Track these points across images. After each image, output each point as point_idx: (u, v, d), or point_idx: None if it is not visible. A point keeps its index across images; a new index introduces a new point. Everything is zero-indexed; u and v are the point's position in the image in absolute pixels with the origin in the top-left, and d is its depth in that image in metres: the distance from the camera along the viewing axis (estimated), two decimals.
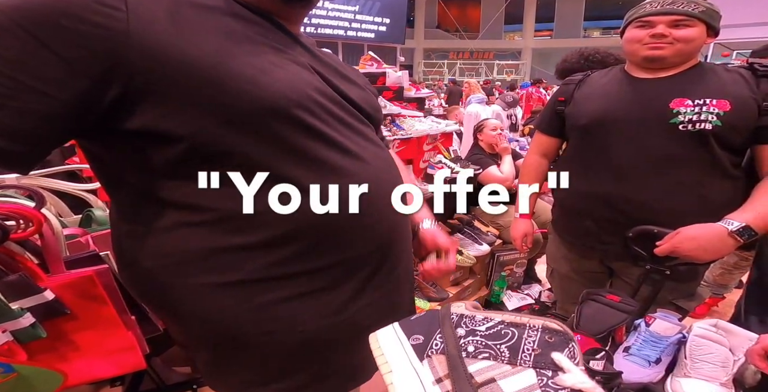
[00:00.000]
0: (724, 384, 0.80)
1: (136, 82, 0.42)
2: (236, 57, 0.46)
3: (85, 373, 0.72)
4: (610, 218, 1.04)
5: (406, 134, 1.94)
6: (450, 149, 2.31)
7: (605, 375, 0.78)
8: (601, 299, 0.98)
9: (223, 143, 0.47)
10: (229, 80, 0.45)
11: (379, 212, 0.57)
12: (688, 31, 0.92)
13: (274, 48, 0.52)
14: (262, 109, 0.47)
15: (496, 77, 14.76)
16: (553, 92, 1.32)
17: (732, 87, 0.91)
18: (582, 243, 1.20)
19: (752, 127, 0.89)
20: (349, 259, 0.56)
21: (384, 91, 2.13)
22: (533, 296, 1.98)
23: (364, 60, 2.36)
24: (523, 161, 1.38)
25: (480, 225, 1.95)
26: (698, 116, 0.90)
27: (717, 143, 0.91)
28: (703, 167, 0.94)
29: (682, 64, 0.97)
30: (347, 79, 0.63)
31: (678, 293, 1.09)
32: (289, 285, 0.53)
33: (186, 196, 0.49)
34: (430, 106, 5.06)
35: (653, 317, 0.92)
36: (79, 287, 0.61)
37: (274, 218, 0.49)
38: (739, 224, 0.84)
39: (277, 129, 0.48)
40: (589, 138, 1.07)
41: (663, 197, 0.97)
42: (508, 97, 4.06)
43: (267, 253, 0.51)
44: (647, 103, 0.96)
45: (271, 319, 0.53)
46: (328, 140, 0.52)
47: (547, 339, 0.29)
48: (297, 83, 0.50)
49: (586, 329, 0.94)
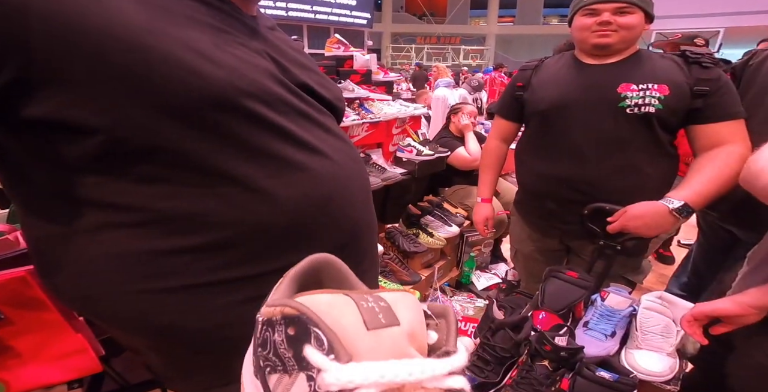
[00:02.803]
0: (670, 355, 0.87)
1: (35, 63, 0.35)
2: (171, 36, 0.40)
3: (30, 380, 0.67)
4: (570, 198, 1.09)
5: (375, 117, 1.91)
6: (418, 132, 2.30)
7: (569, 350, 0.82)
8: (561, 276, 1.03)
9: (153, 137, 0.40)
10: (159, 64, 0.38)
11: (341, 209, 0.53)
12: (630, 17, 0.97)
13: (220, 30, 0.46)
14: (202, 98, 0.41)
15: (462, 62, 14.83)
16: None
17: (669, 72, 0.98)
18: (545, 224, 1.25)
19: (686, 109, 0.97)
20: None
21: (352, 74, 2.07)
22: (500, 275, 2.05)
23: (331, 43, 2.27)
24: (484, 146, 1.42)
25: (449, 207, 1.98)
26: (643, 100, 0.96)
27: (659, 125, 0.99)
28: (648, 147, 1.01)
29: (625, 51, 1.03)
30: (306, 67, 0.58)
31: (627, 267, 1.18)
32: (242, 287, 0.48)
33: (110, 195, 0.42)
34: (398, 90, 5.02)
35: (607, 291, 0.97)
36: (10, 289, 0.55)
37: (221, 219, 0.45)
38: (679, 202, 0.92)
39: (221, 121, 0.42)
40: (548, 122, 1.11)
41: (615, 177, 1.03)
42: (474, 82, 4.09)
43: (214, 256, 0.46)
44: (598, 89, 1.02)
45: (225, 324, 0.48)
46: (282, 133, 0.47)
47: (289, 333, 0.23)
48: (247, 70, 0.45)
49: (550, 306, 0.98)
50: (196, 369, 0.54)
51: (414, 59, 15.01)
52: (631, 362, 0.87)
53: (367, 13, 12.44)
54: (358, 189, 0.58)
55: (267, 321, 0.24)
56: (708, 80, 0.95)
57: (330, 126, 0.56)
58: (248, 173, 0.45)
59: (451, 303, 1.73)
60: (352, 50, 2.22)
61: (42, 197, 0.45)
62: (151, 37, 0.38)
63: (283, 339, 0.22)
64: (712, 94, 0.95)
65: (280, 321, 0.23)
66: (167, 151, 0.41)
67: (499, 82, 6.33)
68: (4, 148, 0.42)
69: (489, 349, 0.90)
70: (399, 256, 1.71)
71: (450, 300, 1.77)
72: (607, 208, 1.02)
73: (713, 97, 0.95)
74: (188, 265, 0.45)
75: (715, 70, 0.95)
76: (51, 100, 0.37)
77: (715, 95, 0.95)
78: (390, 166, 1.97)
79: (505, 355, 0.89)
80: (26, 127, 0.39)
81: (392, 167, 1.97)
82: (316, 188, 0.50)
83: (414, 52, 16.14)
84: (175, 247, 0.44)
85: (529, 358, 0.87)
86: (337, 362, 0.19)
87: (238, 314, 0.48)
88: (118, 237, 0.44)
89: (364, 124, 1.88)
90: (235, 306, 0.48)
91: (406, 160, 1.98)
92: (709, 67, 0.95)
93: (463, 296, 1.84)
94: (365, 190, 0.61)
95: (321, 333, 0.21)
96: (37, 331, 0.60)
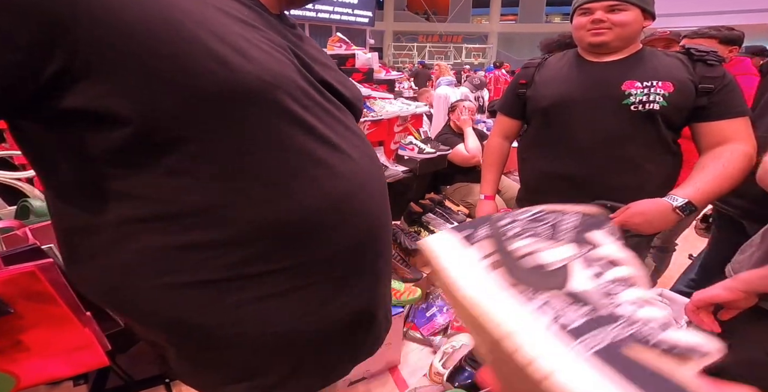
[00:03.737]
0: None
1: (80, 54, 0.35)
2: (205, 29, 0.40)
3: (39, 374, 0.68)
4: (573, 196, 1.08)
5: (376, 116, 1.91)
6: (420, 130, 2.30)
7: None
8: None
9: (181, 128, 0.41)
10: (195, 55, 0.39)
11: (359, 208, 0.53)
12: (624, 15, 0.97)
13: (247, 24, 0.46)
14: (232, 90, 0.41)
15: (464, 60, 14.78)
16: None
17: (673, 70, 0.98)
18: None
19: (690, 106, 0.97)
20: (325, 258, 0.52)
21: (353, 72, 2.07)
22: None
23: (332, 41, 2.28)
24: (486, 144, 1.42)
25: (451, 205, 1.98)
26: (647, 97, 0.96)
27: (663, 122, 0.98)
28: (652, 145, 1.01)
29: (625, 48, 1.02)
30: (327, 65, 0.58)
31: None
32: (258, 284, 0.48)
33: (136, 187, 0.43)
34: (400, 89, 5.02)
35: None
36: (20, 284, 0.56)
37: (241, 214, 0.45)
38: (683, 200, 0.92)
39: (249, 114, 0.43)
40: (550, 119, 1.11)
41: (618, 174, 1.03)
42: (476, 80, 4.09)
43: (233, 251, 0.46)
44: (601, 86, 1.02)
45: (240, 320, 0.49)
46: (306, 127, 0.47)
47: (584, 221, 0.32)
48: (275, 65, 0.45)
49: None
50: (211, 365, 0.55)
51: (416, 58, 14.98)
52: None
53: (369, 12, 12.44)
54: (376, 188, 0.57)
55: (554, 209, 0.33)
56: (713, 78, 0.94)
57: (350, 124, 0.56)
58: (271, 167, 0.45)
59: None
60: (354, 49, 2.23)
61: (72, 189, 0.45)
62: (187, 28, 0.39)
63: (577, 221, 0.31)
64: (717, 91, 0.94)
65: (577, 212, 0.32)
66: (194, 142, 0.42)
67: (503, 80, 6.31)
68: (39, 141, 0.43)
69: None
70: (401, 254, 1.72)
71: None
72: (608, 206, 1.02)
73: (718, 94, 0.95)
74: (207, 260, 0.46)
75: (720, 68, 0.95)
76: (90, 90, 0.37)
77: (719, 93, 0.95)
78: (392, 164, 1.98)
79: None
80: (61, 118, 0.39)
81: (394, 165, 1.98)
82: (336, 186, 0.50)
83: (416, 50, 16.11)
84: (196, 242, 0.45)
85: None
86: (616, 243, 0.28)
87: (254, 311, 0.49)
88: (142, 230, 0.44)
89: (365, 123, 1.88)
90: (251, 302, 0.48)
91: (407, 157, 1.99)
92: (714, 64, 0.95)
93: None
94: (382, 189, 0.60)
95: (615, 229, 0.31)
96: (45, 326, 0.61)
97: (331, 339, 0.57)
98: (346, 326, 0.57)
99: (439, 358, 0.99)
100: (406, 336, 1.62)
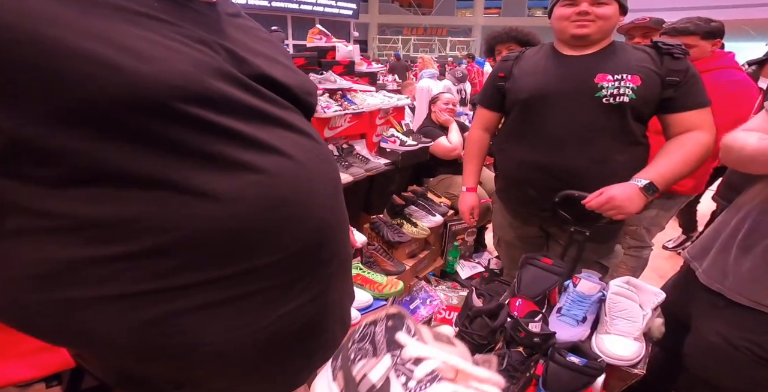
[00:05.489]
0: (637, 339, 0.90)
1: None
2: (80, 28, 0.35)
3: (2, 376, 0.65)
4: (549, 186, 1.11)
5: (357, 109, 1.90)
6: (402, 123, 2.29)
7: (541, 336, 0.84)
8: (537, 263, 1.05)
9: (62, 139, 0.36)
10: (64, 58, 0.34)
11: (304, 210, 0.50)
12: (607, 8, 1.00)
13: (158, 20, 0.41)
14: (121, 96, 0.37)
15: (449, 53, 14.77)
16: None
17: (641, 63, 1.01)
18: (525, 211, 1.27)
19: (658, 99, 1.01)
20: (266, 265, 0.48)
21: (334, 65, 2.04)
22: (483, 264, 2.08)
23: (312, 34, 2.23)
24: (468, 136, 1.43)
25: (433, 197, 1.99)
26: (618, 90, 1.00)
27: (632, 114, 1.02)
28: (620, 136, 1.05)
29: (601, 41, 1.06)
30: (272, 58, 0.54)
31: (600, 253, 1.23)
32: (184, 296, 0.44)
33: (25, 199, 0.39)
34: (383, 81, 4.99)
35: (579, 277, 0.99)
36: None
37: (154, 224, 0.41)
38: (646, 181, 0.98)
39: (146, 122, 0.39)
40: (528, 111, 1.13)
41: (591, 164, 1.07)
42: (458, 73, 4.09)
43: (151, 263, 0.42)
44: (576, 79, 1.05)
45: (165, 334, 0.45)
46: (225, 133, 0.43)
47: (388, 325, 0.37)
48: (181, 64, 0.41)
49: (525, 293, 1.00)
50: (138, 379, 0.51)
51: (401, 51, 14.89)
52: (601, 347, 0.89)
53: (353, 4, 12.24)
54: (324, 188, 0.54)
55: (372, 321, 0.38)
56: (678, 71, 0.98)
57: (293, 122, 0.52)
58: (184, 176, 0.42)
59: (436, 293, 1.75)
60: (334, 41, 2.19)
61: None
62: (53, 28, 0.34)
63: (383, 329, 0.37)
64: (683, 84, 0.98)
65: (383, 318, 0.38)
66: (80, 153, 0.38)
67: None
68: None
69: (467, 337, 0.91)
70: (383, 246, 1.72)
71: (434, 289, 1.79)
72: (576, 195, 1.05)
73: (683, 87, 0.99)
74: (121, 273, 0.42)
75: (685, 61, 0.99)
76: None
77: (685, 85, 0.99)
78: (374, 157, 1.97)
79: (482, 342, 0.90)
80: None
81: (376, 157, 1.97)
82: (271, 189, 0.46)
83: (401, 43, 16.00)
84: (104, 255, 0.41)
85: (505, 345, 0.88)
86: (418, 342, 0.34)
87: (185, 322, 0.45)
88: (39, 243, 0.41)
89: (346, 115, 1.86)
90: (182, 314, 0.45)
91: (389, 150, 1.98)
92: (680, 57, 0.99)
93: (448, 285, 1.87)
94: (333, 189, 0.57)
95: (411, 324, 0.37)
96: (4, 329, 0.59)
97: (278, 348, 0.54)
98: (293, 334, 0.54)
99: None
100: None
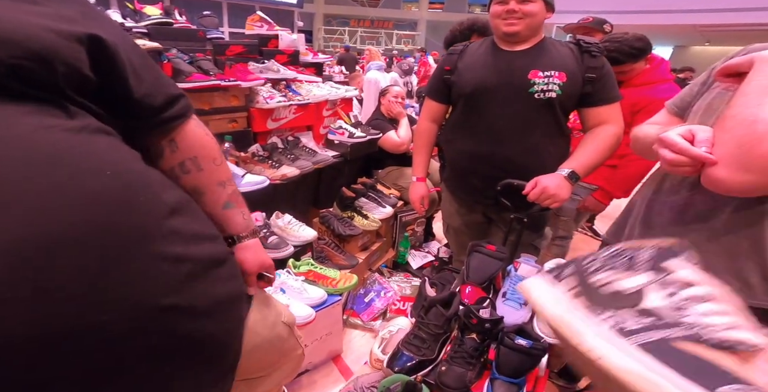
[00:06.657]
0: None
1: None
2: None
3: None
4: (491, 175, 1.18)
5: (303, 100, 1.84)
6: (350, 114, 2.27)
7: (491, 321, 0.88)
8: (482, 250, 1.10)
9: None
10: None
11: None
12: (532, 6, 1.08)
13: None
14: None
15: (395, 46, 14.85)
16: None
17: (566, 61, 1.11)
18: (471, 199, 1.33)
19: (579, 94, 1.12)
20: None
21: (277, 54, 1.95)
22: (433, 253, 2.14)
23: (252, 20, 2.11)
24: (416, 128, 1.46)
25: (383, 188, 2.00)
26: (547, 86, 1.09)
27: (559, 108, 1.12)
28: (549, 129, 1.16)
29: (532, 37, 1.14)
30: None
31: (533, 235, 1.36)
32: None
33: None
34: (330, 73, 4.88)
35: (519, 262, 1.06)
36: None
37: None
38: (568, 170, 1.10)
39: None
40: (471, 104, 1.19)
41: (526, 155, 1.17)
42: (405, 65, 4.13)
43: None
44: (512, 74, 1.12)
45: None
46: None
47: (660, 252, 0.38)
48: None
49: (474, 280, 1.04)
50: None
51: (348, 42, 14.68)
52: (541, 327, 0.95)
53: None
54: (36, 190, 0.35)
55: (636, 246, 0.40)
56: (595, 68, 1.09)
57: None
58: None
59: (389, 284, 1.76)
60: (277, 29, 2.10)
61: None
62: None
63: (652, 253, 0.39)
64: (598, 80, 1.09)
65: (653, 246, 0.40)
66: None
67: None
68: None
69: (424, 327, 0.92)
70: (334, 240, 1.70)
71: (388, 281, 1.80)
72: (515, 184, 1.13)
73: (599, 83, 1.09)
74: None
75: (601, 59, 1.10)
76: None
77: (600, 81, 1.09)
78: (321, 149, 1.93)
79: (438, 332, 0.91)
80: None
81: (324, 150, 1.93)
82: None
83: (347, 35, 15.77)
84: None
85: (460, 332, 0.91)
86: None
87: None
88: None
89: (291, 106, 1.80)
90: None
91: (338, 142, 1.95)
92: (597, 55, 1.09)
93: (400, 276, 1.89)
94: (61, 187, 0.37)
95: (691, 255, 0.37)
96: None
97: None
98: None
99: (378, 344, 0.99)
100: (346, 323, 1.61)
